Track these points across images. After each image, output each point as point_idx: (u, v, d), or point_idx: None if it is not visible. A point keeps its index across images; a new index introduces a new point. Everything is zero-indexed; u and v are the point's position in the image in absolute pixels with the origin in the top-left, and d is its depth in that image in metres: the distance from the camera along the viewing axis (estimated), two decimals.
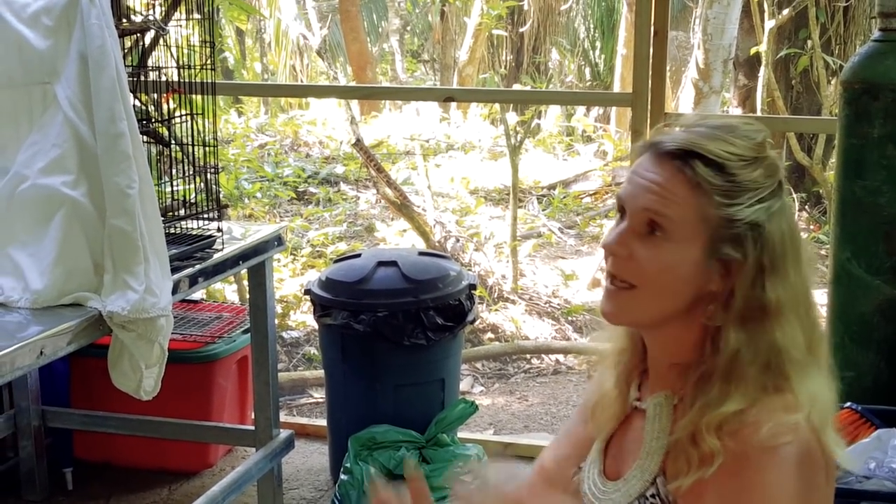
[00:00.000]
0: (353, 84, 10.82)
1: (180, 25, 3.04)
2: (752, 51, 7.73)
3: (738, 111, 8.30)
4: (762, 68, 7.45)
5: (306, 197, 9.05)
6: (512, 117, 8.65)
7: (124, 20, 2.90)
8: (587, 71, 14.48)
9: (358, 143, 6.84)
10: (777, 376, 1.40)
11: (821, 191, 7.77)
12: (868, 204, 2.90)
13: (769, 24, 7.24)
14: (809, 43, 7.52)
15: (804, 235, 7.50)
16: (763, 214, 1.42)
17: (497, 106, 9.91)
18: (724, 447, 1.36)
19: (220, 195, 3.20)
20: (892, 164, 2.86)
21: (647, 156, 1.45)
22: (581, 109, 11.56)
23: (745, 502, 1.34)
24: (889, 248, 2.89)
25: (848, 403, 2.66)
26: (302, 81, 13.66)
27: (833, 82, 7.76)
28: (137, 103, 2.93)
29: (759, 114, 7.48)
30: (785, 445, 1.34)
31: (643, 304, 1.44)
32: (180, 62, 2.98)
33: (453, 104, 10.94)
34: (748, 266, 1.41)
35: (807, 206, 8.08)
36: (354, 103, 9.80)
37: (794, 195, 7.75)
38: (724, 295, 1.42)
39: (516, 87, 12.49)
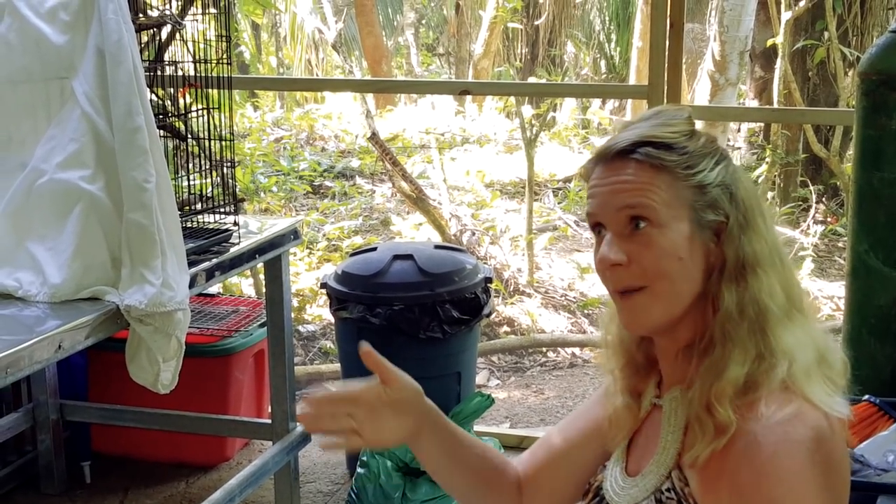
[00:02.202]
0: (368, 78, 10.83)
1: (196, 20, 3.05)
2: (769, 42, 7.70)
3: (755, 103, 8.28)
4: (779, 60, 7.42)
5: (322, 191, 9.06)
6: (527, 110, 8.64)
7: (141, 15, 2.91)
8: (602, 63, 14.45)
9: (373, 137, 6.85)
10: (759, 332, 1.42)
11: (838, 183, 7.74)
12: (886, 196, 2.88)
13: (786, 15, 7.21)
14: (826, 34, 7.49)
15: (821, 228, 7.45)
16: (726, 174, 1.47)
17: (512, 99, 9.90)
18: (734, 421, 1.37)
19: (237, 189, 3.20)
20: None
21: (599, 167, 1.49)
22: (596, 102, 11.54)
23: (765, 495, 1.34)
24: None
25: (866, 396, 2.65)
26: (317, 75, 13.67)
27: (850, 74, 7.72)
28: (154, 98, 2.94)
29: (775, 105, 7.47)
30: (793, 421, 1.35)
31: (661, 299, 1.44)
32: (196, 57, 2.99)
33: (468, 97, 10.93)
34: (731, 224, 1.45)
35: (824, 198, 8.05)
36: (370, 97, 9.81)
37: (812, 187, 7.72)
38: (721, 261, 1.45)
39: (532, 80, 12.47)
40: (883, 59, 2.90)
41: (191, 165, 3.06)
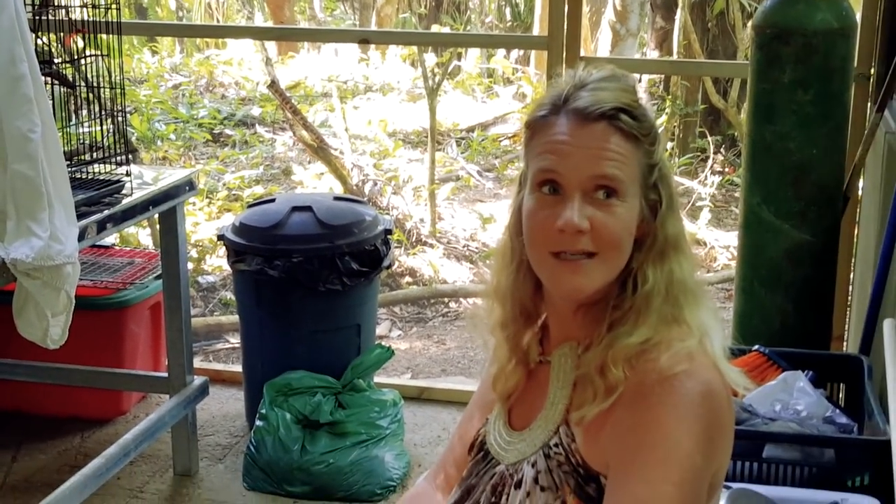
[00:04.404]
0: (268, 25, 10.66)
1: None
2: None
3: (655, 54, 8.34)
4: (679, 11, 7.48)
5: (222, 139, 8.93)
6: (431, 59, 8.58)
7: None
8: (507, 12, 14.42)
9: (273, 85, 6.75)
10: (673, 306, 1.44)
11: (736, 134, 7.87)
12: (778, 148, 2.93)
13: None
14: None
15: (719, 178, 7.56)
16: (663, 154, 1.48)
17: (415, 47, 9.83)
18: (626, 378, 1.39)
19: (130, 138, 3.12)
20: (801, 110, 2.89)
21: (567, 121, 1.42)
22: (501, 51, 11.52)
23: (640, 438, 1.35)
24: (798, 192, 2.93)
25: (756, 346, 2.71)
26: (218, 20, 13.40)
27: (748, 26, 7.82)
28: (40, 43, 2.84)
29: (675, 56, 7.53)
30: (681, 376, 1.36)
31: (605, 268, 1.43)
32: (84, 2, 2.90)
33: (371, 45, 10.83)
34: (664, 206, 1.45)
35: (722, 149, 8.17)
36: (271, 44, 9.65)
37: (710, 138, 7.83)
38: (649, 239, 1.45)
39: (434, 28, 12.39)
40: (777, 12, 2.93)
41: (85, 113, 2.98)
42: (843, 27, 2.89)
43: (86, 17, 2.90)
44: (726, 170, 7.97)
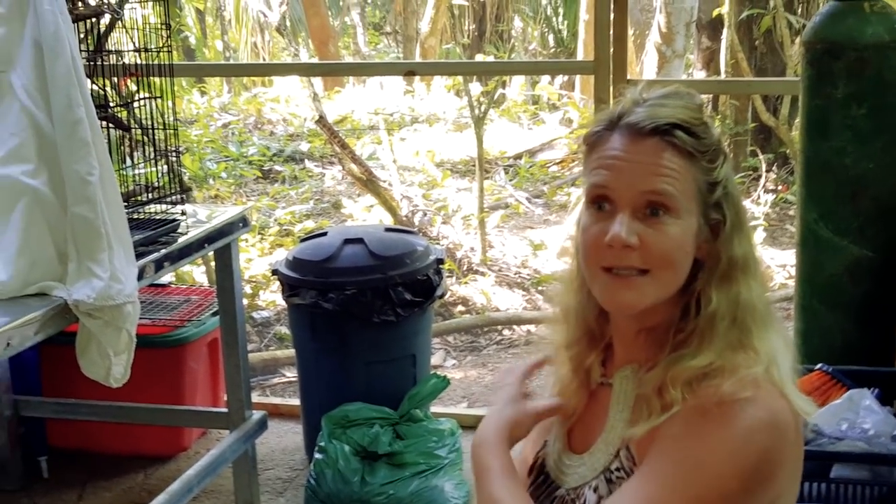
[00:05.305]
0: (313, 61, 10.77)
1: (136, 6, 3.00)
2: (715, 13, 7.73)
3: (703, 74, 8.31)
4: (725, 30, 7.45)
5: (272, 175, 9.01)
6: (476, 88, 8.61)
7: (79, 3, 2.86)
8: (551, 38, 14.45)
9: (321, 120, 6.80)
10: (741, 332, 1.41)
11: (787, 151, 7.80)
12: (834, 164, 2.90)
13: None
14: (772, 2, 7.53)
15: (772, 197, 7.48)
16: (728, 173, 1.45)
17: (460, 77, 9.88)
18: (683, 400, 1.36)
19: (184, 178, 3.16)
20: (856, 124, 2.86)
21: (621, 137, 1.42)
22: (545, 77, 11.54)
23: (680, 448, 1.34)
24: (855, 208, 2.90)
25: (819, 365, 2.67)
26: (264, 59, 13.55)
27: (797, 42, 7.77)
28: (95, 88, 2.89)
29: (723, 75, 7.49)
30: (743, 402, 1.33)
31: (658, 286, 1.41)
32: (139, 45, 2.94)
33: (416, 77, 10.89)
34: (728, 226, 1.43)
35: (774, 167, 8.11)
36: (317, 79, 9.74)
37: (762, 156, 7.77)
38: (708, 258, 1.43)
39: (479, 57, 12.44)
40: (827, 27, 2.91)
41: (138, 155, 3.02)
42: (894, 40, 2.86)
43: (138, 62, 2.95)
44: (779, 188, 7.90)
